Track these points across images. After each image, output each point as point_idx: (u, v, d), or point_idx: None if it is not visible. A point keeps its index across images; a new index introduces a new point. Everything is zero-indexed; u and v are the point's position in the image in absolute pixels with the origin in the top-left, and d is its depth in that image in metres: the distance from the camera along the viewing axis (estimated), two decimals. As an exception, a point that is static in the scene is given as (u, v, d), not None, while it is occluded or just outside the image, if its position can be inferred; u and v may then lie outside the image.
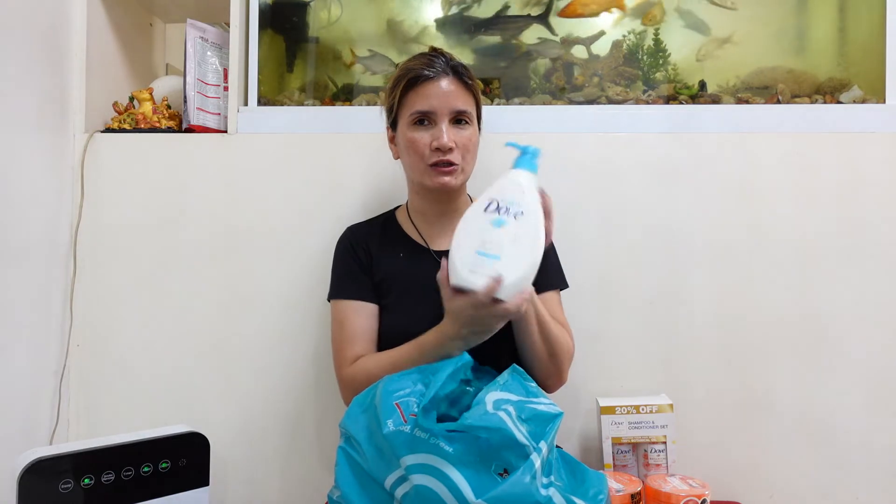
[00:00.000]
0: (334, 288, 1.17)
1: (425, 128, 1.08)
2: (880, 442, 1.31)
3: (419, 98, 1.08)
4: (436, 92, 1.07)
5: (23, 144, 1.31)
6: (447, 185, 1.09)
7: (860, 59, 1.46)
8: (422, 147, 1.08)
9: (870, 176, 1.34)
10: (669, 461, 1.24)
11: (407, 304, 1.11)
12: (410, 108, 1.08)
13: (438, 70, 1.08)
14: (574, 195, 1.38)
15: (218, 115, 1.47)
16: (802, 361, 1.33)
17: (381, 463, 0.86)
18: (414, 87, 1.08)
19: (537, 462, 0.81)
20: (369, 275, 1.14)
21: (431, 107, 1.07)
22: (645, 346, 1.36)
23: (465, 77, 1.10)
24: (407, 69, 1.09)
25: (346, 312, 1.12)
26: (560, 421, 0.88)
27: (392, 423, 0.85)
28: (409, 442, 0.83)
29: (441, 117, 1.07)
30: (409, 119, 1.09)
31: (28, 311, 1.33)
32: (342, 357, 1.10)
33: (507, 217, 0.92)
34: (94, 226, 1.43)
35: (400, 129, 1.12)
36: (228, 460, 1.38)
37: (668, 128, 1.39)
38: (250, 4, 1.48)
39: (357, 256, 1.16)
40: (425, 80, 1.07)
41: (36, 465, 1.06)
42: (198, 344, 1.41)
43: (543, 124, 1.42)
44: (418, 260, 1.15)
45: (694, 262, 1.36)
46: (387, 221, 1.22)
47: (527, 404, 0.87)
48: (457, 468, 0.80)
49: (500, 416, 0.82)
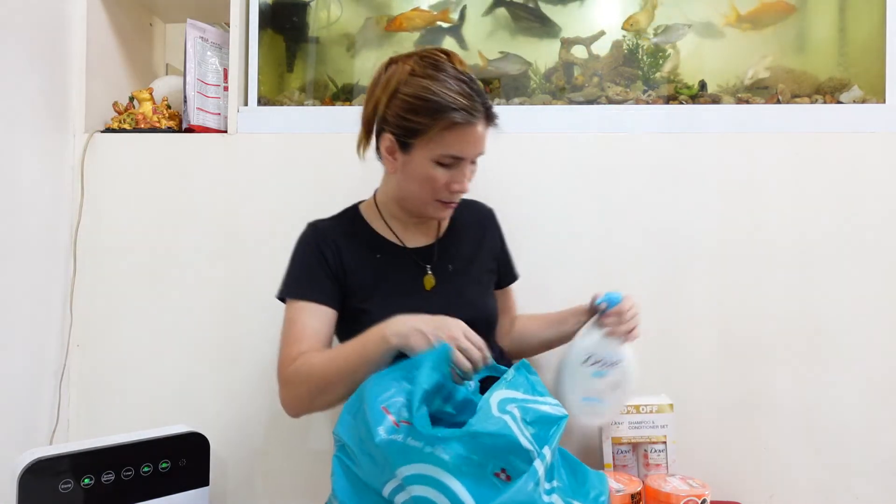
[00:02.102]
0: (289, 286, 1.09)
1: (447, 168, 1.02)
2: (880, 442, 1.31)
3: (457, 143, 1.00)
4: (473, 138, 1.01)
5: (23, 144, 1.31)
6: (447, 217, 1.10)
7: (860, 59, 1.46)
8: (440, 185, 1.03)
9: (870, 176, 1.34)
10: (669, 461, 1.24)
11: (391, 307, 1.06)
12: (444, 147, 1.00)
13: (481, 116, 1.01)
14: (574, 195, 1.38)
15: (218, 115, 1.47)
16: (802, 361, 1.33)
17: (376, 470, 0.84)
18: (452, 129, 0.99)
19: (541, 469, 0.80)
20: (336, 277, 1.08)
21: (465, 153, 1.01)
22: (645, 347, 1.35)
23: (495, 120, 1.05)
24: (450, 105, 0.97)
25: (300, 313, 1.04)
26: (564, 423, 0.87)
27: (383, 430, 0.82)
28: (404, 452, 0.80)
29: (468, 161, 1.04)
30: (436, 156, 1.01)
31: (28, 311, 1.33)
32: (286, 355, 1.02)
33: (604, 369, 1.10)
34: (94, 226, 1.43)
35: (417, 158, 1.02)
36: (228, 460, 1.38)
37: (668, 128, 1.39)
38: (250, 4, 1.48)
39: (323, 257, 1.08)
40: (468, 125, 0.99)
41: (36, 465, 1.06)
42: (198, 344, 1.41)
43: (543, 124, 1.41)
44: (397, 262, 1.11)
45: (694, 262, 1.36)
46: (354, 218, 1.16)
47: (531, 404, 0.87)
48: (456, 477, 0.79)
49: (505, 420, 0.81)
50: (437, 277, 1.11)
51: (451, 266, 1.13)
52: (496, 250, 1.22)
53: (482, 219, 1.24)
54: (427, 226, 1.16)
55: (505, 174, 1.39)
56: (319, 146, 1.42)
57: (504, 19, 1.57)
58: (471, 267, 1.16)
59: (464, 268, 1.14)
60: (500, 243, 1.24)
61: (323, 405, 1.00)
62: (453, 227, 1.19)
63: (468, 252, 1.17)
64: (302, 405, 1.01)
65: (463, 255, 1.16)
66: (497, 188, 1.34)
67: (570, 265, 1.29)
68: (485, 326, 1.08)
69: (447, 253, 1.15)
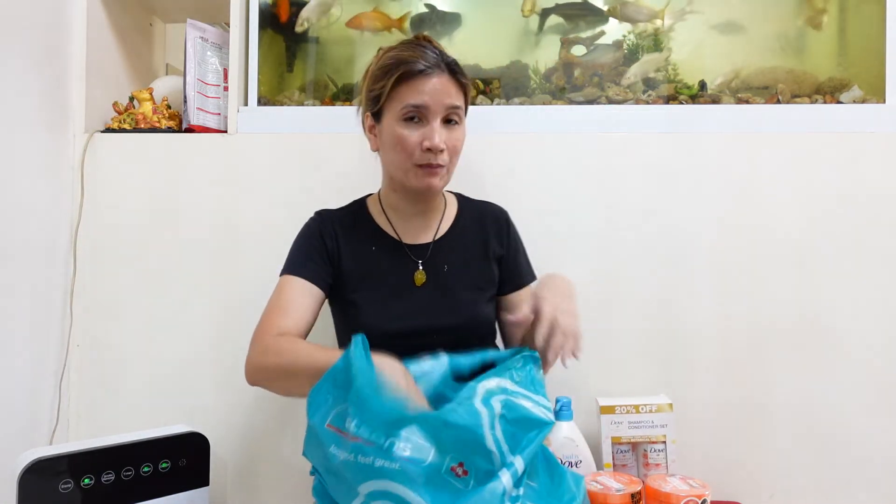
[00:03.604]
0: (286, 266, 1.12)
1: (416, 125, 1.03)
2: (880, 442, 1.31)
3: (412, 92, 1.02)
4: (430, 87, 1.02)
5: (23, 144, 1.31)
6: (432, 186, 1.06)
7: (860, 59, 1.46)
8: (411, 146, 1.03)
9: (870, 176, 1.34)
10: (669, 461, 1.24)
11: (380, 301, 1.07)
12: (402, 101, 1.03)
13: (433, 64, 1.03)
14: (574, 195, 1.38)
15: (218, 115, 1.47)
16: (802, 361, 1.33)
17: (342, 488, 0.84)
18: (407, 81, 1.02)
19: (505, 478, 0.78)
20: (330, 263, 1.10)
21: (425, 102, 1.02)
22: (645, 346, 1.36)
23: (459, 75, 1.06)
24: (399, 60, 1.03)
25: (290, 287, 1.07)
26: (548, 431, 0.84)
27: (336, 449, 0.80)
28: (360, 470, 0.78)
29: (434, 114, 1.03)
30: (399, 113, 1.03)
31: (28, 311, 1.33)
32: (267, 321, 1.04)
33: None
34: (94, 226, 1.43)
35: (386, 122, 1.06)
36: (228, 460, 1.38)
37: (668, 128, 1.39)
38: (250, 4, 1.48)
39: (322, 242, 1.11)
40: (420, 74, 1.02)
41: (36, 465, 1.06)
42: (198, 344, 1.41)
43: (543, 124, 1.41)
44: (391, 256, 1.12)
45: (693, 262, 1.36)
46: (358, 211, 1.18)
47: (521, 400, 0.84)
48: (411, 489, 0.76)
49: (480, 414, 0.78)
50: (428, 275, 1.11)
51: (447, 266, 1.12)
52: (500, 254, 1.18)
53: (491, 221, 1.20)
54: (428, 223, 1.16)
55: (504, 174, 1.39)
56: (319, 146, 1.42)
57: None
58: (467, 270, 1.13)
59: (459, 270, 1.13)
60: (508, 247, 1.19)
61: (280, 388, 1.01)
62: (455, 228, 1.17)
63: (467, 255, 1.15)
64: (263, 375, 1.01)
65: (461, 257, 1.14)
66: (496, 188, 1.34)
67: (570, 265, 1.29)
68: (471, 332, 1.08)
69: (443, 252, 1.13)
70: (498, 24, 1.59)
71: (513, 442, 0.81)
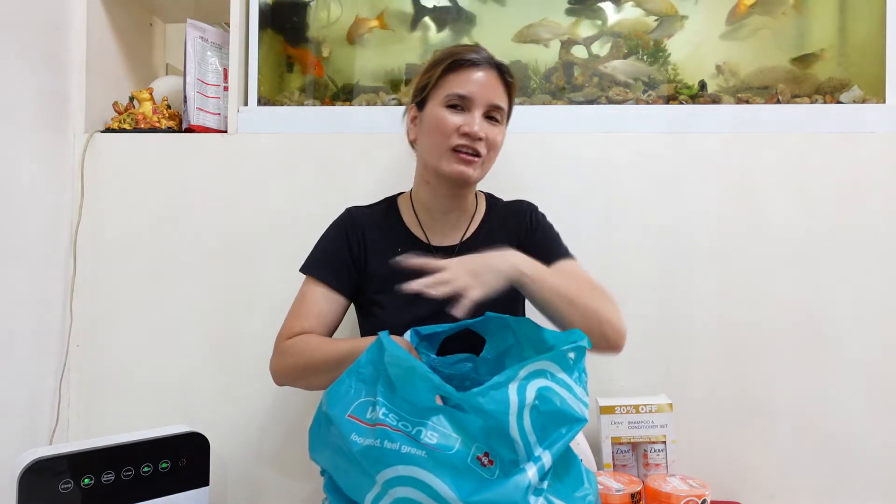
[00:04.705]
0: (312, 263, 1.14)
1: (458, 112, 1.05)
2: (880, 442, 1.31)
3: (460, 81, 1.05)
4: (477, 79, 1.05)
5: (23, 144, 1.31)
6: (464, 174, 1.05)
7: (860, 59, 1.46)
8: (450, 128, 1.04)
9: (870, 176, 1.34)
10: (669, 461, 1.24)
11: (403, 303, 1.06)
12: (448, 89, 1.05)
13: (482, 60, 1.06)
14: (574, 195, 1.38)
15: (218, 115, 1.47)
16: (802, 361, 1.33)
17: (354, 484, 0.84)
18: (456, 70, 1.05)
19: (531, 472, 0.77)
20: (355, 265, 1.12)
21: (470, 92, 1.04)
22: (645, 346, 1.36)
23: (507, 75, 1.09)
24: (451, 52, 1.07)
25: (313, 293, 1.10)
26: (580, 428, 0.83)
27: (358, 436, 0.81)
28: (382, 456, 0.79)
29: (476, 106, 1.05)
30: (443, 100, 1.05)
31: (28, 310, 1.33)
32: (288, 326, 1.08)
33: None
34: (94, 226, 1.43)
35: (429, 108, 1.08)
36: (228, 460, 1.38)
37: (668, 128, 1.39)
38: (250, 4, 1.48)
39: (348, 243, 1.12)
40: (469, 65, 1.05)
41: (36, 465, 1.06)
42: (198, 344, 1.41)
43: (543, 124, 1.41)
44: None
45: (694, 262, 1.36)
46: (388, 209, 1.18)
47: (560, 389, 0.82)
48: (435, 474, 0.77)
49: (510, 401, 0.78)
50: None
51: None
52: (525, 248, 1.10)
53: (515, 220, 1.18)
54: (457, 223, 1.15)
55: (504, 174, 1.39)
56: (319, 146, 1.42)
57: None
58: None
59: None
60: (533, 234, 1.16)
61: (305, 385, 1.07)
62: (482, 230, 1.16)
63: None
64: (286, 377, 1.06)
65: None
66: (496, 188, 1.33)
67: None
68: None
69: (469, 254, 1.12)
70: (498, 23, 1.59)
71: (542, 434, 0.80)
